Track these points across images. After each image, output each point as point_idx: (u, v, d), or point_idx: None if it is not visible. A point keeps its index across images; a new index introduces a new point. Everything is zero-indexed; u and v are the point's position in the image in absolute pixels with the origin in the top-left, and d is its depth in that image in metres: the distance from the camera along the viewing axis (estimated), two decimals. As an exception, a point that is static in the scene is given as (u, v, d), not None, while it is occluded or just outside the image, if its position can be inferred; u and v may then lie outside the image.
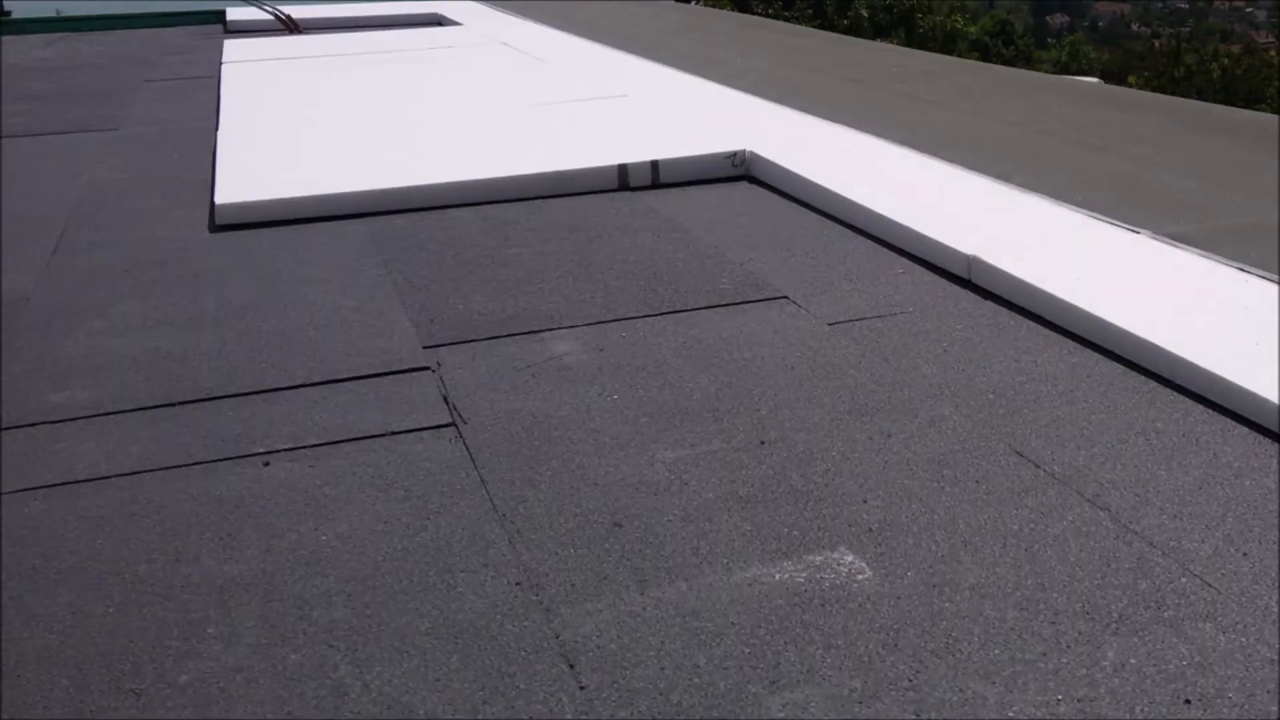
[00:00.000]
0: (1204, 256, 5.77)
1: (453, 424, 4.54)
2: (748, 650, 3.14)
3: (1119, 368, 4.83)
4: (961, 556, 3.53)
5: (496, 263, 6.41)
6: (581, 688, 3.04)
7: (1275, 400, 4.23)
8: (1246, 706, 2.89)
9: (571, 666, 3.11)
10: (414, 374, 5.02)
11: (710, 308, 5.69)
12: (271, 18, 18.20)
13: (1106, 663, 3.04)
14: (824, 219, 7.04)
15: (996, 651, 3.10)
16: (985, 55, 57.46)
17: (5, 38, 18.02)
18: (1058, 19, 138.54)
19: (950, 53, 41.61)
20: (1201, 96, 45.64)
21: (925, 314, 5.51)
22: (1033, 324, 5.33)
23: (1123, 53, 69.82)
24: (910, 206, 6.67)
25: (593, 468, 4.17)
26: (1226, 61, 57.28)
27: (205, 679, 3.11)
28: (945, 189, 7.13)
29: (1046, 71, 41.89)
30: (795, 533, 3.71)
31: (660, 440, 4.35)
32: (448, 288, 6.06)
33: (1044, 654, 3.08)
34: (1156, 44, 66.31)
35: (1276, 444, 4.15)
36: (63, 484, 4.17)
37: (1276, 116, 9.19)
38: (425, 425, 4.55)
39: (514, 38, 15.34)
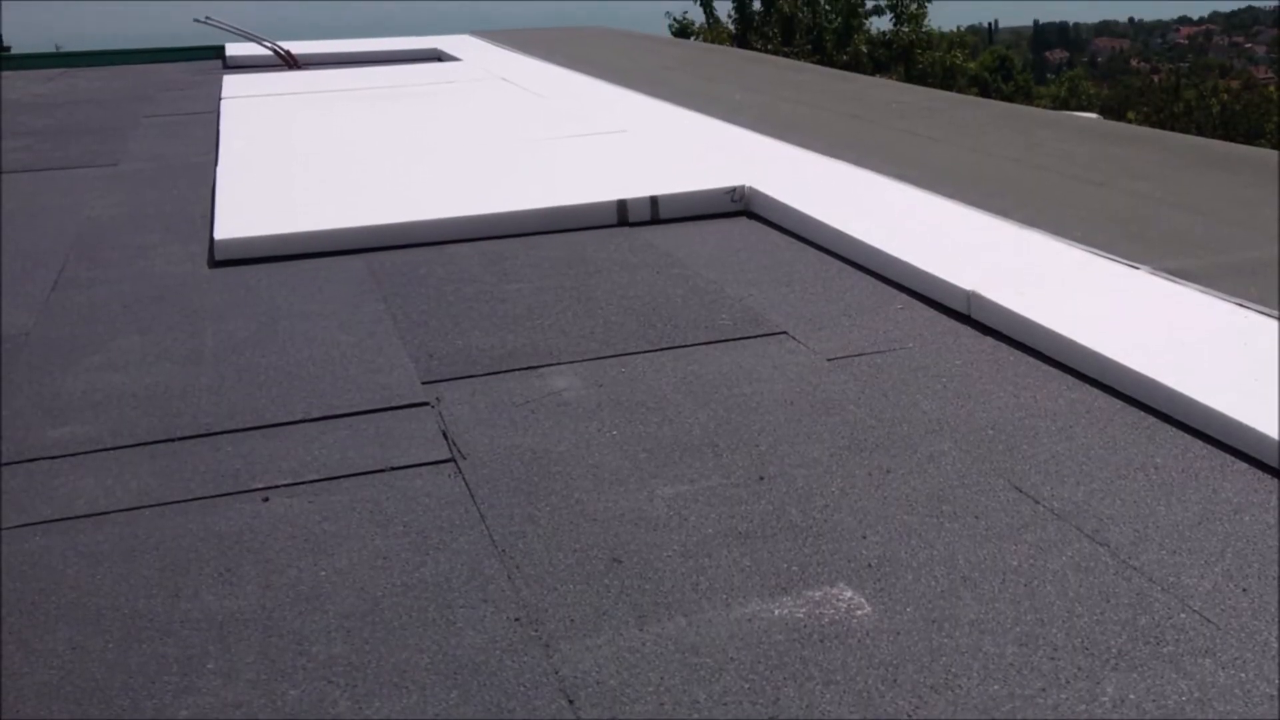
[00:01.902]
0: (1203, 292, 5.77)
1: (452, 459, 4.54)
2: (747, 686, 3.14)
3: (1118, 403, 4.83)
4: (961, 592, 3.53)
5: (496, 298, 6.42)
6: (580, 724, 3.04)
7: (1275, 436, 4.23)
8: (1246, 742, 2.89)
9: (571, 702, 3.11)
10: (413, 409, 5.02)
11: (709, 343, 5.69)
12: (271, 53, 18.24)
13: (1106, 699, 3.04)
14: (823, 254, 7.05)
15: (996, 687, 3.09)
16: (985, 91, 57.62)
17: (5, 73, 18.06)
18: (1057, 54, 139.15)
19: (950, 88, 41.76)
20: (1201, 132, 45.78)
21: (924, 349, 5.52)
22: (1032, 359, 5.33)
23: (1122, 88, 70.09)
24: (909, 242, 6.68)
25: (592, 503, 4.17)
26: (1226, 97, 57.55)
27: (205, 714, 3.10)
28: (944, 224, 7.14)
29: (1046, 107, 42.03)
30: (794, 568, 3.71)
31: (659, 476, 4.36)
32: (447, 323, 6.07)
33: (1043, 689, 3.08)
34: (1156, 79, 66.61)
35: (1276, 480, 4.15)
36: (62, 519, 4.17)
37: (1276, 151, 9.20)
38: (424, 461, 4.55)
39: (513, 73, 15.37)
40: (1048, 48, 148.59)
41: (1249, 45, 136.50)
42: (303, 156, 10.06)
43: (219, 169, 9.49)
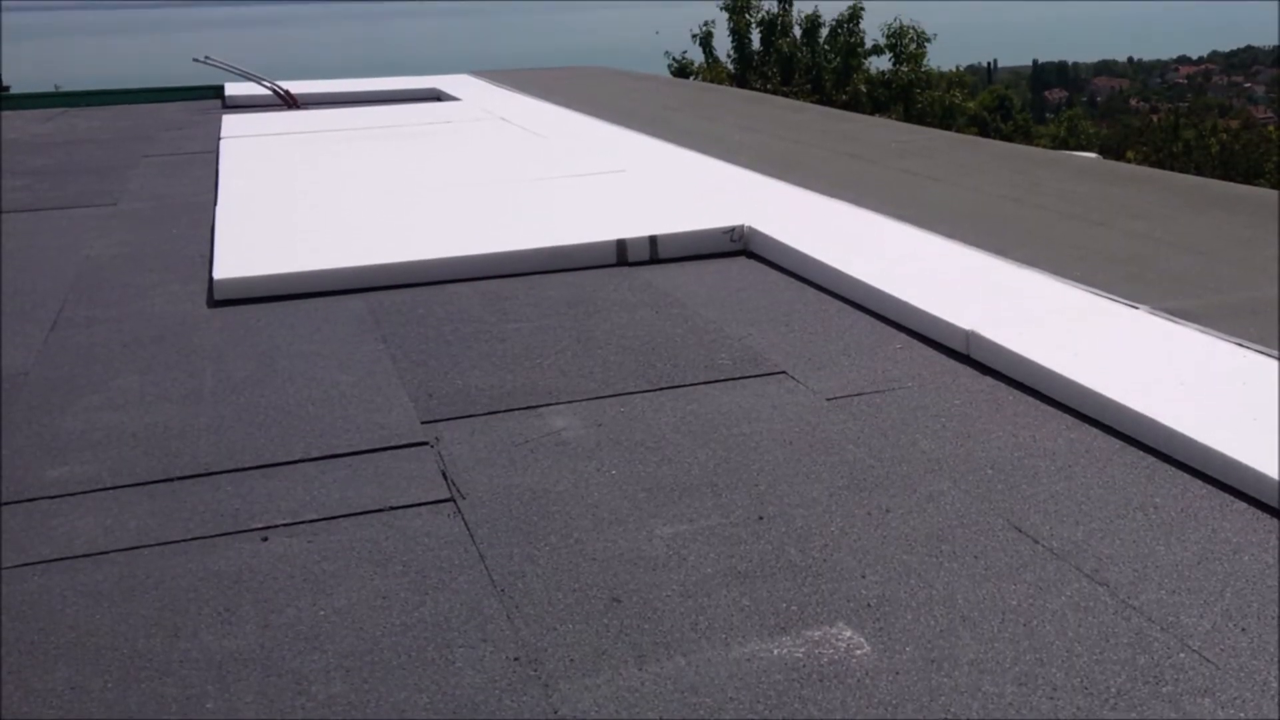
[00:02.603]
0: (1202, 332, 5.78)
1: (451, 499, 4.54)
2: (746, 726, 3.14)
3: (1117, 443, 4.83)
4: (960, 632, 3.53)
5: (495, 338, 6.43)
6: (579, 764, 3.04)
7: (1274, 476, 4.23)
8: (1246, 783, 2.89)
9: (569, 742, 3.11)
10: (412, 449, 5.02)
11: (709, 383, 5.70)
12: (270, 93, 18.25)
13: (1105, 739, 3.04)
14: (822, 294, 7.06)
15: (995, 727, 3.09)
16: (984, 130, 57.68)
17: (5, 113, 18.08)
18: (1056, 94, 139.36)
19: (949, 128, 41.82)
20: (1200, 171, 45.86)
21: (924, 389, 5.52)
22: (1031, 399, 5.33)
23: (1121, 128, 70.20)
24: (908, 281, 6.69)
25: (591, 543, 4.17)
26: (1225, 136, 57.56)
27: (202, 755, 3.10)
28: (943, 264, 7.15)
29: (1045, 146, 42.08)
30: (794, 608, 3.70)
31: (659, 515, 4.35)
32: (446, 363, 6.07)
33: (1043, 730, 3.08)
34: (1155, 119, 66.61)
35: (1276, 519, 4.15)
36: (61, 559, 4.17)
37: (1275, 191, 9.21)
38: (424, 500, 4.55)
39: (512, 113, 15.40)
40: (1047, 87, 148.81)
41: (1248, 85, 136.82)
42: (302, 196, 10.07)
43: (218, 208, 9.51)
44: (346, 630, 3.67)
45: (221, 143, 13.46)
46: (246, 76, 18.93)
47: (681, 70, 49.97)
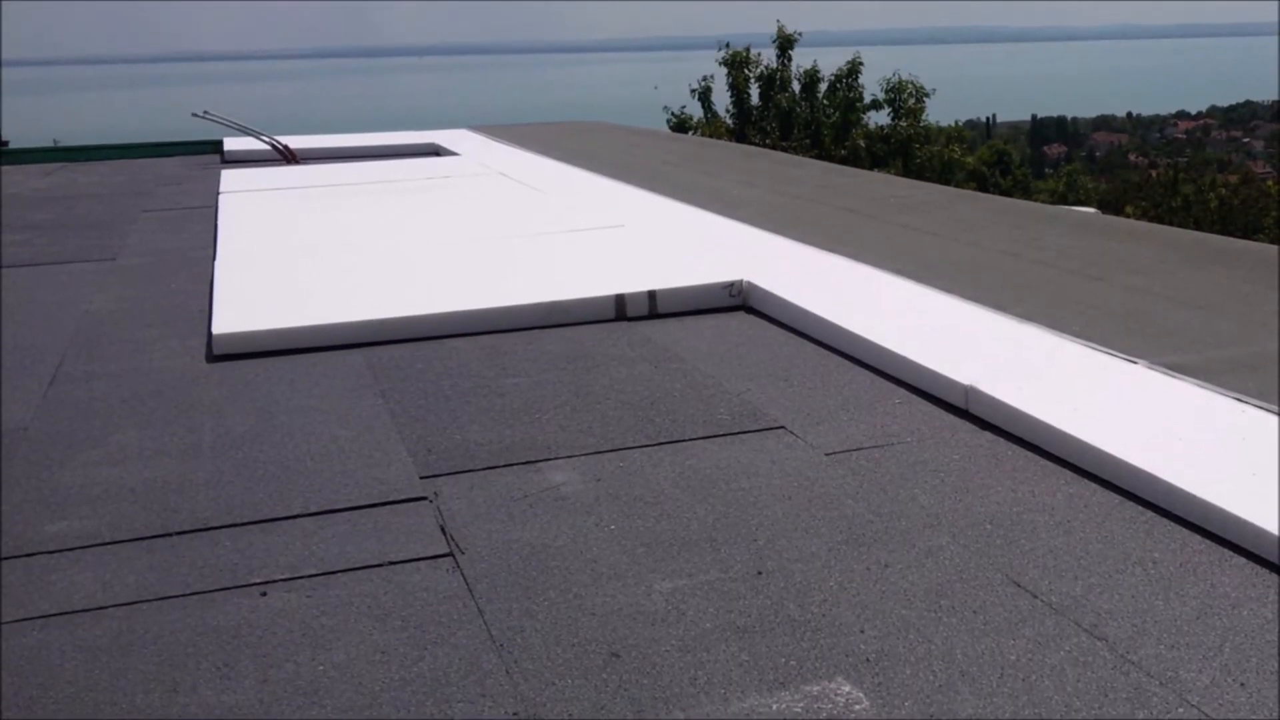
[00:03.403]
0: (1201, 387, 5.79)
1: (450, 554, 4.54)
2: (745, 782, 3.14)
3: (1116, 498, 4.83)
4: (959, 687, 3.53)
5: (494, 393, 6.43)
6: (578, 820, 3.03)
7: (1273, 531, 4.23)
8: (1246, 839, 2.88)
9: (568, 798, 3.10)
10: (411, 504, 5.02)
11: (708, 438, 5.70)
12: (269, 147, 18.27)
13: (1105, 794, 3.03)
14: (821, 349, 7.07)
15: (994, 783, 3.09)
16: (983, 185, 57.79)
17: (4, 167, 18.11)
18: (1055, 149, 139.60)
19: (948, 183, 41.87)
20: (1199, 226, 45.92)
21: (923, 444, 5.53)
22: (1030, 454, 5.34)
23: (1120, 183, 70.23)
24: (908, 336, 6.70)
25: (590, 598, 4.17)
26: (1224, 191, 57.60)
27: (200, 811, 3.10)
28: (942, 319, 7.16)
29: (1044, 201, 42.14)
30: (792, 663, 3.70)
31: (657, 570, 4.35)
32: (445, 418, 6.08)
33: (1042, 785, 3.07)
34: (1154, 174, 66.65)
35: (1275, 574, 4.15)
36: (60, 614, 4.17)
37: (1274, 246, 9.23)
38: (422, 555, 4.55)
39: (511, 167, 15.43)
40: (1046, 142, 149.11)
41: (1247, 140, 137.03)
42: (301, 251, 10.09)
43: (217, 263, 9.52)
44: (345, 685, 3.66)
45: (220, 197, 13.48)
46: (245, 131, 18.95)
47: (680, 125, 50.06)
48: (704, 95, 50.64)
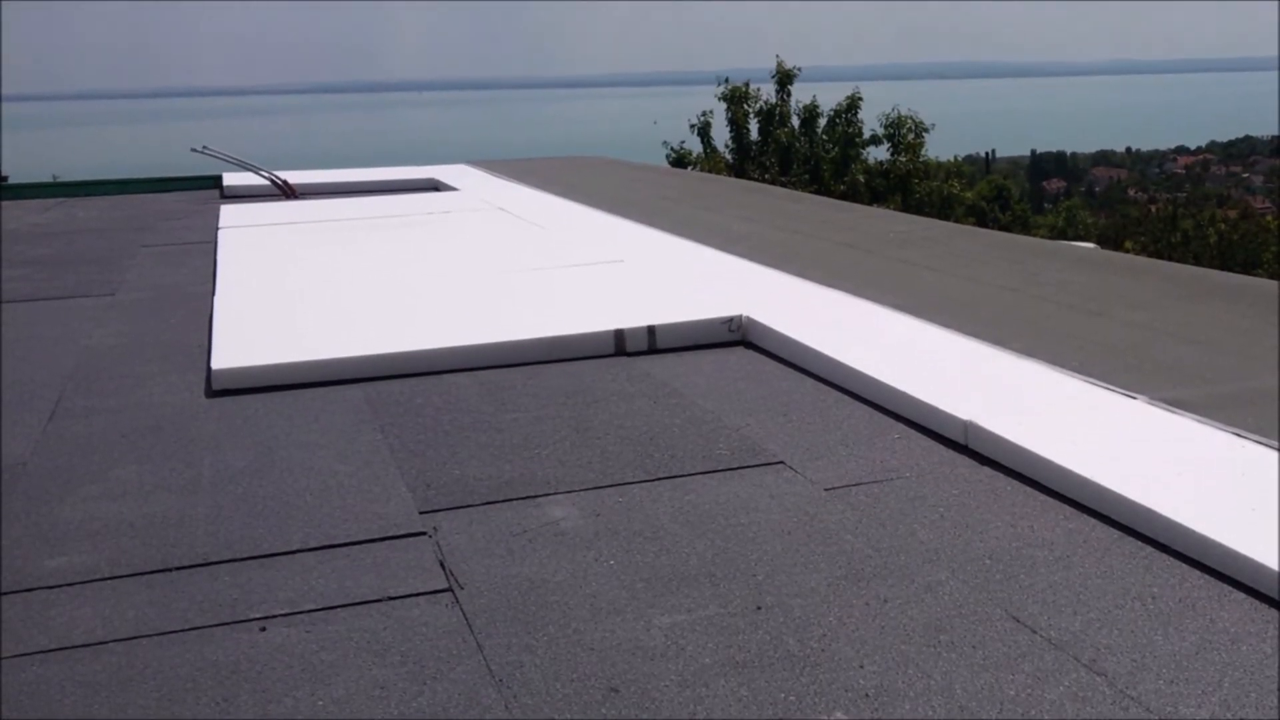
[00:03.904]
0: (1201, 422, 5.79)
1: (449, 589, 4.54)
2: (744, 818, 3.13)
3: (1115, 533, 4.83)
4: (959, 722, 3.52)
5: (493, 428, 6.43)
6: None
7: (1273, 566, 4.23)
8: None
9: (567, 834, 3.10)
10: (410, 539, 5.02)
11: (707, 473, 5.70)
12: (268, 182, 18.27)
13: (1105, 830, 3.03)
14: (821, 384, 7.07)
15: (994, 819, 3.08)
16: (982, 220, 57.90)
17: (4, 203, 18.12)
18: (1054, 184, 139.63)
19: (947, 218, 41.90)
20: (1199, 261, 45.95)
21: (922, 479, 5.53)
22: (1029, 489, 5.34)
23: (1120, 218, 70.28)
24: (907, 371, 6.71)
25: (589, 633, 4.16)
26: (1223, 226, 57.69)
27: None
28: (942, 354, 7.17)
29: (1043, 236, 42.20)
30: (791, 698, 3.70)
31: (657, 605, 4.35)
32: (444, 453, 6.08)
33: (1042, 821, 3.07)
34: (1153, 209, 66.75)
35: (1275, 610, 4.15)
36: (60, 649, 4.17)
37: (1273, 281, 9.24)
38: (422, 590, 4.54)
39: (510, 202, 15.44)
40: (1045, 177, 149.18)
41: (1246, 175, 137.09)
42: (300, 285, 10.10)
43: (216, 298, 9.53)
44: (344, 721, 3.66)
45: (220, 232, 13.48)
46: (244, 166, 18.96)
47: (679, 160, 50.08)
48: (703, 130, 50.66)
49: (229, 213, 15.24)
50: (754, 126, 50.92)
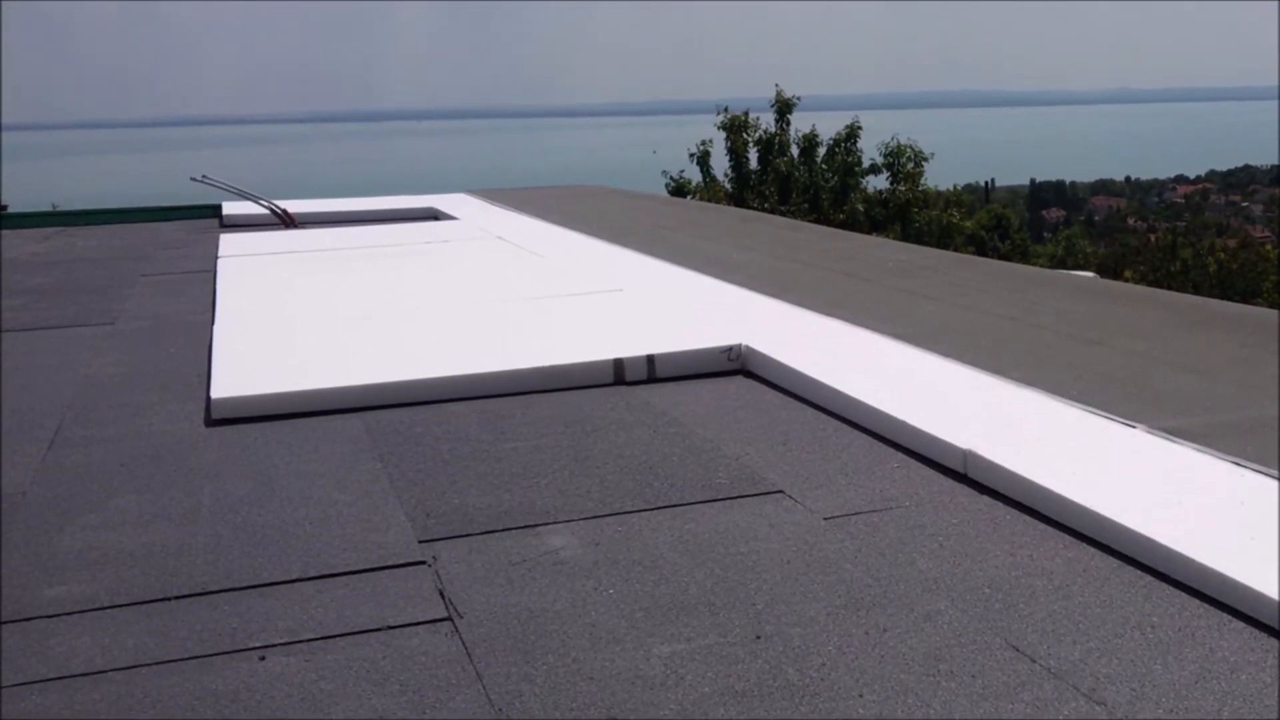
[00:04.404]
0: (1200, 451, 5.79)
1: (449, 618, 4.54)
2: None
3: (1115, 562, 4.83)
4: (958, 752, 3.52)
5: (492, 457, 6.44)
6: None
7: (1273, 595, 4.23)
8: None
9: None
10: (410, 568, 5.02)
11: (706, 502, 5.70)
12: (267, 212, 18.27)
13: None
14: (820, 413, 7.07)
15: None
16: (981, 249, 57.89)
17: (3, 232, 18.12)
18: (1054, 213, 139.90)
19: (946, 247, 41.88)
20: (1198, 290, 46.02)
21: (921, 508, 5.53)
22: (1029, 518, 5.34)
23: (1119, 247, 70.41)
24: (906, 400, 6.71)
25: (589, 662, 4.16)
26: (1223, 255, 57.77)
27: None
28: (941, 383, 7.17)
29: (1042, 265, 42.20)
30: (791, 728, 3.69)
31: (656, 635, 4.35)
32: (443, 482, 6.08)
33: None
34: (1153, 238, 66.83)
35: (1274, 639, 4.15)
36: (59, 678, 4.16)
37: (1273, 310, 9.25)
38: (421, 620, 4.54)
39: (510, 232, 15.44)
40: (1045, 206, 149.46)
41: (1246, 204, 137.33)
42: (299, 315, 10.11)
43: (216, 327, 9.54)
44: (343, 750, 3.66)
45: (219, 261, 13.47)
46: (244, 195, 18.96)
47: (679, 189, 50.14)
48: (702, 159, 50.71)
49: (228, 242, 15.25)
50: (753, 155, 51.01)
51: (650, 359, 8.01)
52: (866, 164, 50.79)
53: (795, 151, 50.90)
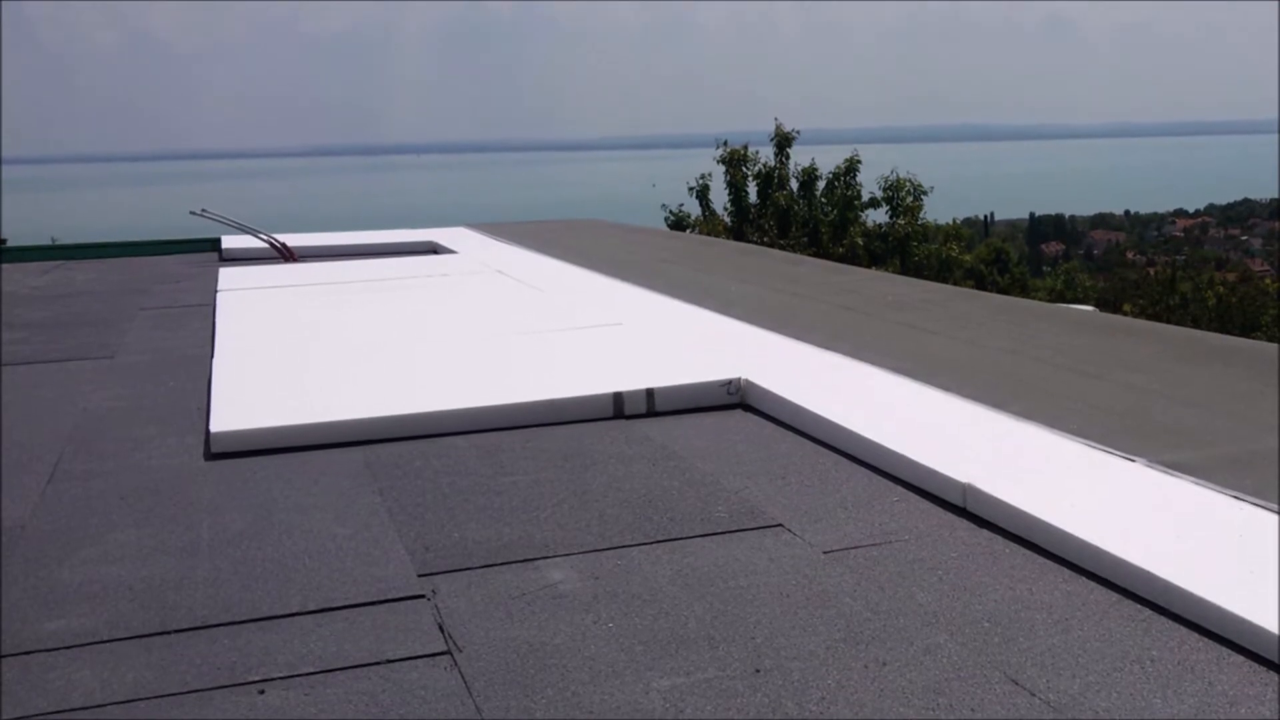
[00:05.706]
0: (1200, 484, 5.79)
1: (448, 652, 4.54)
2: None
3: (1114, 595, 4.83)
4: (958, 786, 3.52)
5: (491, 491, 6.43)
6: None
7: (1272, 629, 4.23)
8: None
9: None
10: (409, 602, 5.02)
11: (705, 536, 5.70)
12: (267, 245, 18.27)
13: None
14: (819, 447, 7.08)
15: None
16: (980, 283, 57.87)
17: (2, 265, 18.13)
18: (1053, 247, 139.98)
19: (945, 281, 41.94)
20: (1197, 324, 45.99)
21: (920, 542, 5.53)
22: (1028, 552, 5.34)
23: (1118, 280, 70.39)
24: (905, 434, 6.71)
25: (588, 696, 4.16)
26: (1222, 289, 57.70)
27: None
28: (940, 417, 7.17)
29: (1042, 299, 42.22)
30: (791, 762, 3.69)
31: (655, 668, 4.35)
32: (443, 515, 6.08)
33: None
34: (1152, 272, 66.83)
35: (1274, 673, 4.15)
36: (59, 712, 4.16)
37: (1272, 344, 9.25)
38: (420, 653, 4.54)
39: (509, 265, 15.44)
40: (1044, 240, 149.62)
41: (1245, 238, 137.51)
42: (299, 349, 10.11)
43: (215, 361, 9.54)
44: (342, 784, 3.65)
45: (218, 295, 13.47)
46: (243, 229, 18.97)
47: (678, 223, 50.17)
48: (702, 193, 50.76)
49: (228, 275, 15.25)
50: (753, 189, 51.04)
51: (650, 393, 8.01)
52: (866, 198, 50.83)
53: (795, 185, 50.94)
